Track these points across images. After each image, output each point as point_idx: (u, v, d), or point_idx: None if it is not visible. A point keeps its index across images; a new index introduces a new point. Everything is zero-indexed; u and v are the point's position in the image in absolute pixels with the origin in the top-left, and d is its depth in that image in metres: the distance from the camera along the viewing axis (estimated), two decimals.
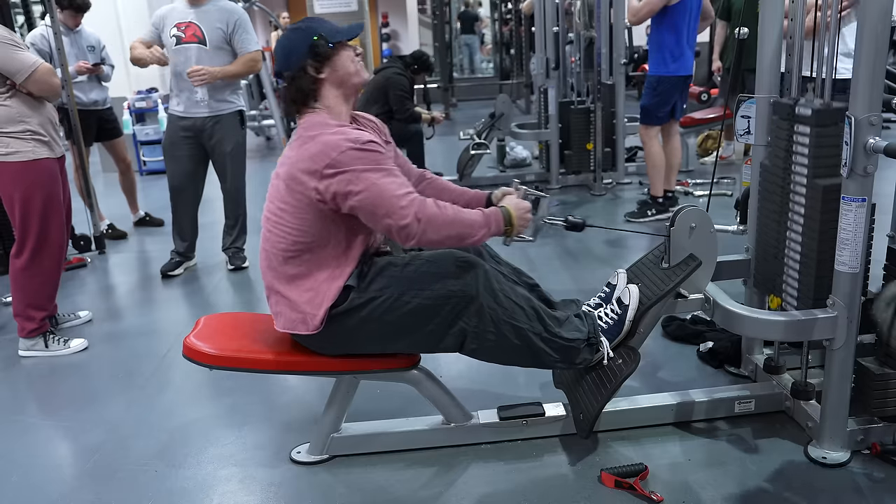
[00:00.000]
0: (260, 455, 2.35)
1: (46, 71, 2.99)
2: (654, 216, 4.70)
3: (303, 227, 2.01)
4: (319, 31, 2.04)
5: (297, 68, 2.04)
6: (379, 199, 1.93)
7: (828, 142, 2.06)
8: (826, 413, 2.12)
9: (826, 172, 2.08)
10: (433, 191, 2.30)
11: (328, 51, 2.04)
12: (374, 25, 15.31)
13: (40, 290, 3.17)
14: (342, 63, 2.06)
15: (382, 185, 1.93)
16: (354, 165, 1.92)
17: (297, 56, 2.04)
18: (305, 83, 2.04)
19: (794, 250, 2.21)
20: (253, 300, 3.83)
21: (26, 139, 2.99)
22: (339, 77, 2.07)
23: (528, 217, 2.13)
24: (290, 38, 2.07)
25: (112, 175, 5.72)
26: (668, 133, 4.75)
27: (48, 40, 4.36)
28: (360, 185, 1.92)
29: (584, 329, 2.20)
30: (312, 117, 2.06)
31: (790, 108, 2.19)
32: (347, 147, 1.93)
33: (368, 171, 1.93)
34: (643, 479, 2.07)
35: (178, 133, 3.98)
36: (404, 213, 1.93)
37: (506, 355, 2.15)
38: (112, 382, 2.96)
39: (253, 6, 8.37)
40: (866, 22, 1.82)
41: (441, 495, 2.09)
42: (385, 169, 1.96)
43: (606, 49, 5.54)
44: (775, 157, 2.27)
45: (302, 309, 2.04)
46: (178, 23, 3.85)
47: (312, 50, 2.02)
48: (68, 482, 2.27)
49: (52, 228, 3.11)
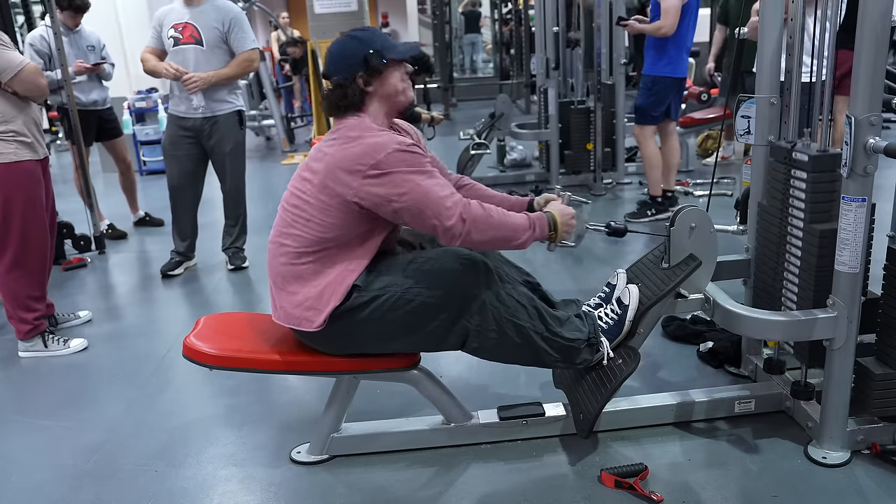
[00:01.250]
0: (260, 455, 2.35)
1: (33, 70, 2.97)
2: (653, 216, 4.70)
3: (327, 223, 2.01)
4: (376, 45, 2.05)
5: (347, 77, 2.04)
6: (425, 200, 1.94)
7: (824, 188, 2.10)
8: (826, 413, 2.12)
9: (823, 217, 2.11)
10: (474, 195, 2.31)
11: (381, 66, 2.04)
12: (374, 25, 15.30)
13: (27, 292, 3.14)
14: (392, 81, 2.08)
15: (427, 186, 1.95)
16: (399, 167, 1.94)
17: (350, 65, 2.04)
18: (352, 93, 2.05)
19: (791, 291, 2.24)
20: (253, 300, 3.83)
21: (8, 141, 2.96)
22: (387, 93, 2.08)
23: (573, 223, 2.16)
24: (346, 46, 2.07)
25: (112, 175, 5.72)
26: (665, 133, 4.75)
27: (48, 41, 4.36)
28: (406, 188, 1.94)
29: (584, 329, 2.20)
30: (354, 120, 2.07)
31: (787, 152, 2.21)
32: (393, 149, 1.95)
33: (413, 174, 1.95)
34: (643, 479, 2.07)
35: (177, 133, 3.98)
36: (450, 213, 1.94)
37: (507, 354, 2.15)
38: (112, 382, 2.96)
39: (253, 6, 8.38)
40: (866, 22, 1.82)
41: (441, 495, 2.09)
42: (427, 171, 1.98)
43: (606, 49, 5.54)
44: (773, 199, 2.31)
45: (309, 305, 2.04)
46: (176, 24, 3.85)
47: (365, 62, 2.03)
48: (68, 482, 2.27)
49: (34, 231, 3.08)
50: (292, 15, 13.07)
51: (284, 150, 8.40)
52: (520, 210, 2.28)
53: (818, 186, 2.10)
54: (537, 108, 6.26)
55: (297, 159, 7.80)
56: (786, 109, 2.30)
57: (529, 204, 2.31)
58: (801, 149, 2.16)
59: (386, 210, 1.98)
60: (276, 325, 2.17)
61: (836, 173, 2.04)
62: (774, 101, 2.31)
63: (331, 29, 7.28)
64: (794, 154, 2.17)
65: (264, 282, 4.07)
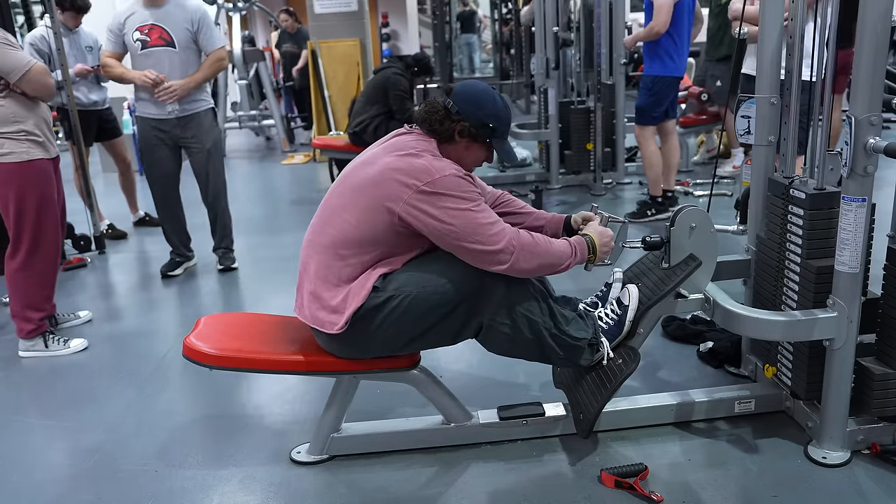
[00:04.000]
0: (260, 455, 2.35)
1: (40, 71, 2.99)
2: (653, 216, 4.70)
3: (364, 229, 2.02)
4: (499, 122, 2.12)
5: (459, 120, 2.08)
6: (473, 226, 1.98)
7: (821, 224, 2.11)
8: (826, 413, 2.12)
9: (820, 254, 2.11)
10: (512, 209, 2.36)
11: (482, 136, 2.11)
12: (374, 25, 15.29)
13: (37, 290, 3.16)
14: (475, 153, 2.15)
15: (474, 214, 1.99)
16: (454, 192, 1.98)
17: (472, 116, 2.08)
18: (450, 131, 2.10)
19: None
20: (253, 300, 3.83)
21: (21, 140, 2.98)
22: (464, 155, 2.13)
23: (611, 245, 2.21)
24: (488, 100, 2.11)
25: (112, 175, 5.72)
26: (665, 133, 4.75)
27: (48, 41, 4.35)
28: (454, 213, 1.97)
29: (588, 329, 2.21)
30: (426, 142, 2.10)
31: (785, 188, 2.22)
32: (450, 173, 1.99)
33: (465, 201, 1.98)
34: (643, 479, 2.07)
35: (151, 134, 3.91)
36: (495, 239, 1.98)
37: (515, 348, 2.15)
38: (112, 382, 2.95)
39: (253, 6, 8.38)
40: (866, 22, 1.82)
41: (441, 495, 2.09)
42: (477, 201, 2.02)
43: (606, 49, 5.54)
44: (771, 233, 2.32)
45: (333, 308, 2.04)
46: (140, 26, 3.76)
47: (480, 124, 2.09)
48: (68, 482, 2.27)
49: (47, 229, 3.10)
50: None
51: (284, 150, 8.39)
52: (557, 227, 2.35)
53: (815, 223, 2.11)
54: (537, 108, 6.26)
55: (298, 159, 7.80)
56: (786, 110, 2.30)
57: (566, 220, 2.34)
58: (799, 186, 2.17)
59: (430, 230, 1.99)
60: (277, 324, 2.17)
61: (833, 210, 2.06)
62: (774, 101, 2.31)
63: (331, 29, 7.28)
64: (792, 191, 2.18)
65: (264, 281, 4.08)
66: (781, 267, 2.26)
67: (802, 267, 2.15)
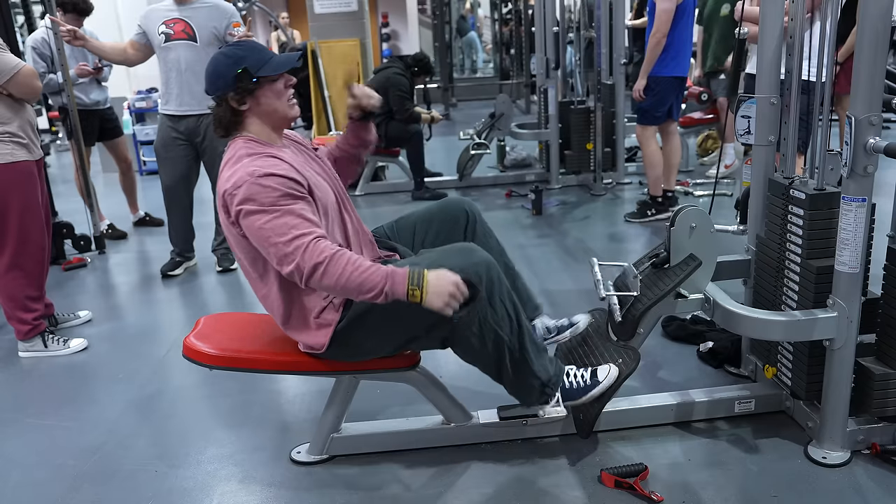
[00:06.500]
0: (260, 455, 2.35)
1: (28, 73, 2.98)
2: (653, 216, 4.70)
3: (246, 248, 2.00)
4: (247, 62, 1.97)
5: (219, 98, 2.00)
6: (267, 239, 1.86)
7: (821, 224, 2.11)
8: (826, 413, 2.12)
9: (820, 254, 2.12)
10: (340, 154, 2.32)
11: (252, 85, 1.97)
12: (374, 25, 15.30)
13: (24, 292, 3.14)
14: (267, 99, 2.00)
15: (272, 226, 1.85)
16: (257, 199, 1.86)
17: (221, 84, 1.98)
18: (225, 113, 2.00)
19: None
20: (253, 300, 3.82)
21: (5, 142, 2.97)
22: (263, 111, 2.01)
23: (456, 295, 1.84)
24: (218, 63, 2.00)
25: (112, 175, 5.72)
26: (666, 133, 4.75)
27: (49, 42, 4.36)
28: (256, 224, 1.87)
29: (549, 373, 2.13)
30: (238, 142, 2.02)
31: (785, 188, 2.22)
32: (246, 182, 1.87)
33: (261, 212, 1.86)
34: (643, 479, 2.07)
35: (169, 135, 3.94)
36: (289, 259, 1.85)
37: (474, 357, 2.09)
38: (112, 382, 2.95)
39: (253, 6, 8.37)
40: (866, 22, 1.82)
41: (441, 495, 2.09)
42: (281, 208, 1.86)
43: (606, 49, 5.54)
44: (771, 233, 2.32)
45: (313, 333, 2.04)
46: (167, 20, 3.82)
47: (235, 81, 1.96)
48: (68, 482, 2.27)
49: (32, 230, 3.09)
50: (292, 15, 13.07)
51: None
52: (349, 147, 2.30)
53: (815, 223, 2.11)
54: (537, 108, 6.26)
55: None
56: (786, 110, 2.30)
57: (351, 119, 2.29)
58: (799, 186, 2.17)
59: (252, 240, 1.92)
60: (276, 325, 2.16)
61: (833, 210, 2.06)
62: (774, 101, 2.31)
63: (331, 29, 7.27)
64: (792, 191, 2.18)
65: None
66: (781, 267, 2.26)
67: (802, 267, 2.15)
